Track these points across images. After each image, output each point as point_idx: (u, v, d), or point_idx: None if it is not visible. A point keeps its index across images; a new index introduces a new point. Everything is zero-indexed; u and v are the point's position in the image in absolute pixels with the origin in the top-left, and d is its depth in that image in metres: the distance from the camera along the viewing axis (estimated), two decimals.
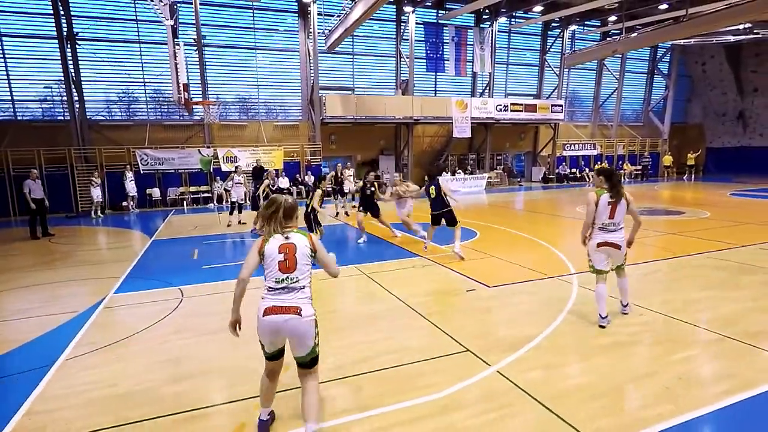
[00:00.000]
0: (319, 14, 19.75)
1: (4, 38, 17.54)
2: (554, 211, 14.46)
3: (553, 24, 25.46)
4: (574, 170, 26.45)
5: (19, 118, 18.29)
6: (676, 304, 5.18)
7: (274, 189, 13.20)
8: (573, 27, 25.65)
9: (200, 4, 18.48)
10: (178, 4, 16.17)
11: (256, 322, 2.87)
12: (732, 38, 23.46)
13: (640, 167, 27.76)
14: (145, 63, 19.44)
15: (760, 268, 6.64)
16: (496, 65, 23.95)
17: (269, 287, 2.86)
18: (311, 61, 20.40)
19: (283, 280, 2.83)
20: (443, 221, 7.83)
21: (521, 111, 23.77)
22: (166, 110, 20.38)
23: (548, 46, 26.12)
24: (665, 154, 28.44)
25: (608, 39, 24.47)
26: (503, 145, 26.25)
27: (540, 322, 4.71)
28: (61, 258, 9.08)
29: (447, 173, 22.77)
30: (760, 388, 3.37)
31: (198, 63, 19.18)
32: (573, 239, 9.36)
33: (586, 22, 26.25)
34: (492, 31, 23.13)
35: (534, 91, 26.74)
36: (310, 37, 20.13)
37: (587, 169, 26.56)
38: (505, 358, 3.92)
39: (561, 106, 24.80)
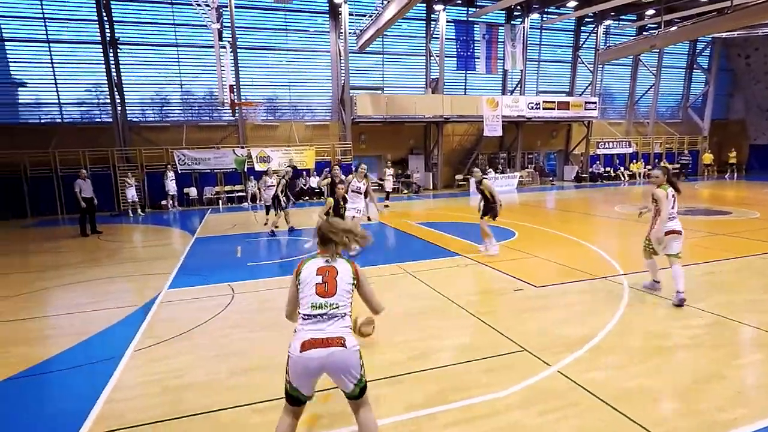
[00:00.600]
0: (350, 14, 19.90)
1: (51, 44, 18.40)
2: (590, 210, 14.17)
3: (586, 19, 24.88)
4: (608, 169, 25.78)
5: (65, 120, 19.14)
6: (736, 307, 5.01)
7: (296, 189, 13.36)
8: (607, 22, 24.95)
9: (235, 7, 18.94)
10: (223, 9, 16.56)
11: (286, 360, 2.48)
12: None
13: (678, 165, 26.81)
14: (181, 66, 20.04)
15: None
16: (527, 62, 23.58)
17: (305, 315, 2.47)
18: (342, 61, 20.59)
19: (321, 305, 2.44)
20: None
21: (553, 108, 23.33)
22: (199, 111, 20.96)
23: (581, 42, 25.53)
24: (705, 151, 27.38)
25: (645, 33, 23.72)
26: (535, 144, 25.84)
27: (595, 323, 4.65)
28: (111, 255, 9.47)
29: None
30: None
31: (233, 65, 19.62)
32: (615, 239, 9.22)
33: (621, 17, 25.54)
34: (524, 27, 22.79)
35: (566, 88, 26.21)
36: (341, 37, 20.30)
37: (622, 168, 25.86)
38: (564, 358, 3.89)
39: (595, 103, 24.21)
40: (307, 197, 20.02)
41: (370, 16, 18.43)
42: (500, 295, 5.71)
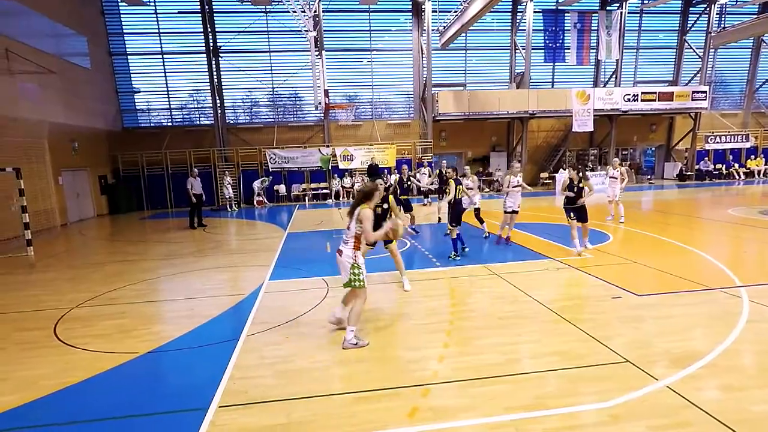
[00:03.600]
0: (433, 11, 19.87)
1: (165, 56, 20.66)
2: (697, 212, 12.85)
3: None
4: (719, 166, 23.10)
5: (174, 124, 21.40)
6: None
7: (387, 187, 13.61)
8: (723, 0, 22.27)
9: (323, 12, 19.80)
10: (317, 17, 17.40)
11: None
12: None
13: None
14: (273, 70, 21.42)
15: None
16: (624, 51, 21.86)
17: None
18: (424, 58, 20.65)
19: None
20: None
21: (654, 100, 21.41)
22: (285, 112, 22.24)
23: (689, 25, 23.08)
24: None
25: None
26: (630, 139, 23.92)
27: (709, 338, 4.29)
28: (216, 246, 10.48)
29: (564, 170, 21.45)
30: None
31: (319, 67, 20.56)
32: (730, 246, 8.30)
33: None
34: (621, 13, 21.14)
35: (670, 77, 23.88)
36: (424, 35, 20.35)
37: (736, 165, 23.03)
38: (674, 374, 3.66)
39: (704, 92, 21.79)
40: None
41: (455, 12, 18.26)
42: (597, 302, 5.45)
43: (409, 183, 13.57)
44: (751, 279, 6.04)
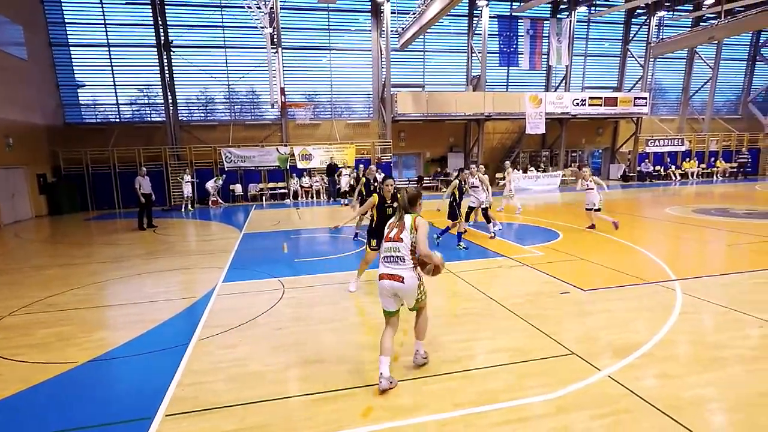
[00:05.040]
0: (392, 13, 20.01)
1: (111, 48, 19.60)
2: (638, 211, 13.67)
3: (638, 11, 23.85)
4: (658, 167, 24.68)
5: (122, 120, 20.35)
6: None
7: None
8: (661, 13, 23.82)
9: (280, 8, 19.46)
10: (274, 14, 17.05)
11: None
12: None
13: (735, 165, 25.33)
14: (229, 66, 20.82)
15: None
16: (573, 57, 22.91)
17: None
18: (383, 59, 20.75)
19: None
20: None
21: (600, 105, 22.59)
22: (242, 110, 21.70)
23: (631, 35, 24.51)
24: None
25: (702, 24, 22.50)
26: (579, 141, 25.11)
27: (646, 329, 4.57)
28: (168, 248, 10.07)
29: (518, 170, 22.22)
30: None
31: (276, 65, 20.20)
32: (667, 242, 8.87)
33: (676, 7, 24.31)
34: (570, 21, 22.15)
35: (614, 84, 25.26)
36: (383, 35, 20.45)
37: (673, 167, 24.68)
38: (615, 364, 3.87)
39: (645, 98, 23.23)
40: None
41: (413, 14, 18.46)
42: (547, 298, 5.68)
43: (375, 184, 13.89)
44: (684, 273, 6.50)
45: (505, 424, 3.10)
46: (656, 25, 24.22)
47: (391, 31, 20.25)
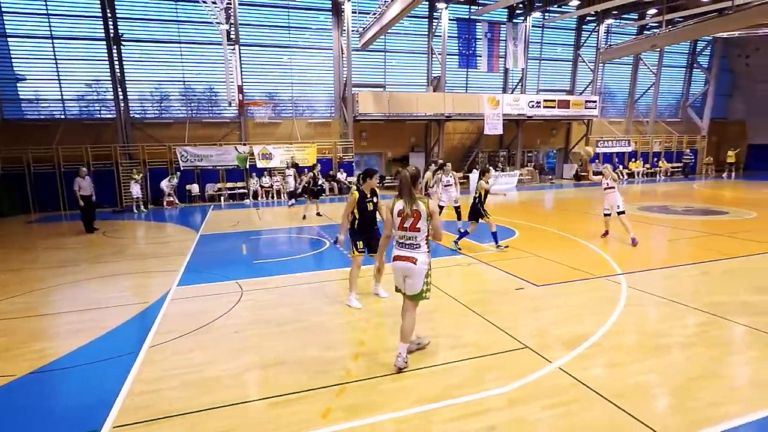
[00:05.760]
0: (353, 12, 19.95)
1: (55, 40, 18.45)
2: (589, 209, 14.31)
3: (588, 18, 24.97)
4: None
5: (68, 116, 19.20)
6: (731, 306, 5.18)
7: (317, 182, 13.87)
8: (609, 21, 25.05)
9: (238, 4, 18.98)
10: (230, 9, 16.55)
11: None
12: None
13: (681, 164, 27.12)
14: (185, 63, 20.10)
15: None
16: (528, 61, 23.70)
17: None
18: (344, 58, 20.67)
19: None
20: None
21: (554, 107, 23.48)
22: (200, 108, 21.02)
23: (582, 41, 25.64)
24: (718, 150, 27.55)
25: (646, 33, 23.84)
26: (534, 142, 25.98)
27: (594, 322, 4.81)
28: (119, 251, 9.61)
29: (477, 170, 22.76)
30: None
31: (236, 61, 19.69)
32: (613, 238, 9.34)
33: (622, 16, 25.63)
34: (525, 26, 22.88)
35: (567, 87, 26.33)
36: (344, 35, 20.37)
37: (621, 166, 26.02)
38: (565, 356, 4.05)
39: (595, 101, 24.36)
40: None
41: (374, 14, 18.50)
42: (503, 294, 5.87)
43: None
44: (629, 267, 6.88)
45: (461, 418, 3.18)
46: (605, 32, 25.44)
47: (352, 30, 20.20)
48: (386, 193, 9.55)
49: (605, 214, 9.34)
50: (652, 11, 23.66)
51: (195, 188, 19.46)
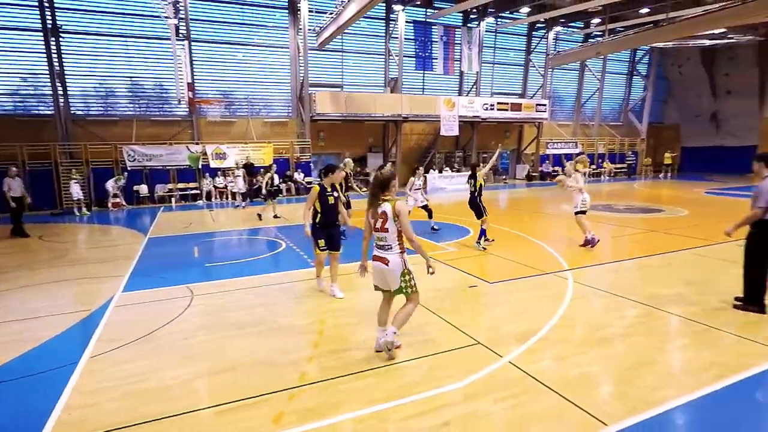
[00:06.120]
0: (309, 11, 19.74)
1: None
2: (539, 208, 14.93)
3: (538, 25, 25.99)
4: (557, 168, 27.07)
5: (1, 112, 17.77)
6: (665, 298, 5.55)
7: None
8: (557, 28, 26.21)
9: None
10: (180, 4, 15.89)
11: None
12: (707, 42, 24.34)
13: (625, 165, 28.81)
14: (131, 58, 19.11)
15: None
16: (482, 64, 24.35)
17: None
18: (301, 57, 20.39)
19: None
20: None
21: (507, 110, 24.24)
22: (149, 105, 20.08)
23: (533, 47, 26.65)
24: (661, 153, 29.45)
25: (591, 41, 25.12)
26: (489, 143, 26.67)
27: (543, 316, 5.01)
28: (58, 257, 9.01)
29: (434, 170, 23.13)
30: (743, 373, 3.72)
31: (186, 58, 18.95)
32: (561, 236, 9.79)
33: (570, 24, 26.87)
34: (479, 30, 23.49)
35: (519, 90, 27.27)
36: (300, 33, 20.11)
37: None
38: (515, 350, 4.19)
39: (545, 105, 25.38)
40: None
41: (331, 14, 18.37)
42: (457, 292, 6.00)
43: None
44: (575, 263, 7.22)
45: (418, 415, 3.22)
46: (553, 39, 26.61)
47: (309, 29, 19.97)
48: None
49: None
50: (596, 20, 24.96)
51: (144, 189, 18.56)
